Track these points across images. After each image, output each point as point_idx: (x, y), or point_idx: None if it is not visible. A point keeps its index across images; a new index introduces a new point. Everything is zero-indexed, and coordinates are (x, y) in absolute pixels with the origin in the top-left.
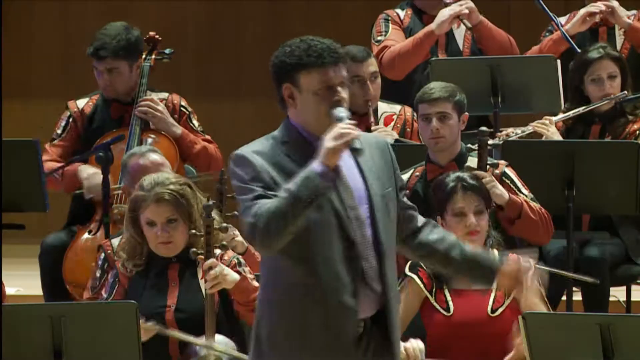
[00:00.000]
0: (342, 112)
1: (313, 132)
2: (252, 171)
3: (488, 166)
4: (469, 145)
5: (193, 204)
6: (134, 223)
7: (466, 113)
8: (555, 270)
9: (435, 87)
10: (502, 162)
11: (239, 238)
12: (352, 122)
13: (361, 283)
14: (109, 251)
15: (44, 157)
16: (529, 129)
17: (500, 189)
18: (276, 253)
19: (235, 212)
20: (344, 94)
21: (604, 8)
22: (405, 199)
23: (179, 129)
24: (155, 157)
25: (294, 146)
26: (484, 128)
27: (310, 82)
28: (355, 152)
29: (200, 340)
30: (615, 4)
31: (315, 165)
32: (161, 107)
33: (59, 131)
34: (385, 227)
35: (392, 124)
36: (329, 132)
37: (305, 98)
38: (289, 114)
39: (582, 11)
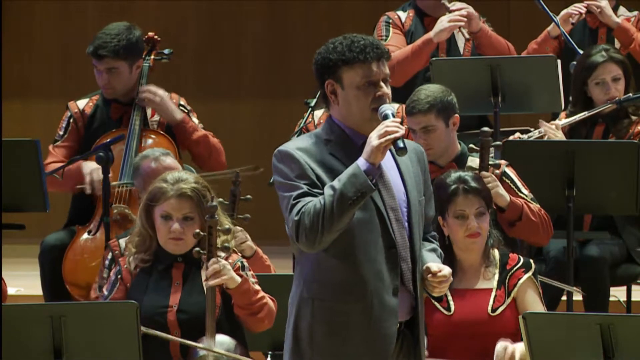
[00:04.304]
0: (388, 109)
1: (355, 128)
2: (297, 168)
3: (490, 167)
4: (472, 145)
5: None
6: (147, 214)
7: (456, 114)
8: (548, 280)
9: (418, 99)
10: (502, 161)
11: (250, 242)
12: (398, 119)
13: (400, 285)
14: (116, 251)
15: (49, 160)
16: (536, 133)
17: (502, 191)
18: (320, 250)
19: (248, 215)
20: (386, 89)
21: (583, 10)
22: (430, 211)
23: (179, 114)
24: (168, 161)
25: (337, 145)
26: (486, 128)
27: (352, 77)
28: (400, 151)
29: (198, 343)
30: (604, 4)
31: (361, 163)
32: (161, 93)
33: (60, 132)
34: (419, 232)
35: None
36: (375, 129)
37: (348, 93)
38: (331, 113)
39: (563, 12)
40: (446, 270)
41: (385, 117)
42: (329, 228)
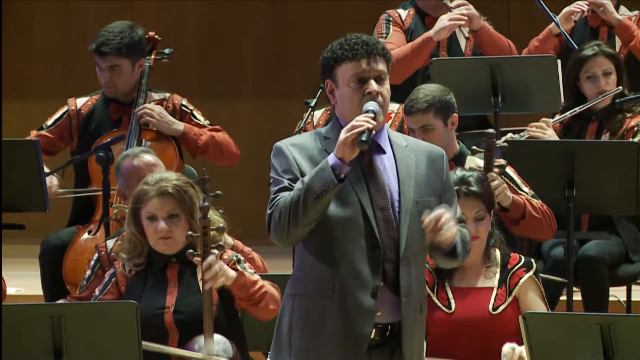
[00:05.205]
0: (370, 105)
1: None
2: (285, 163)
3: (495, 167)
4: (474, 147)
5: (195, 202)
6: (135, 219)
7: (455, 114)
8: (545, 276)
9: (417, 98)
10: (502, 160)
11: (228, 239)
12: (370, 115)
13: (384, 286)
14: (102, 252)
15: None
16: (526, 134)
17: (508, 192)
18: (290, 245)
19: (221, 211)
20: (375, 86)
21: (586, 8)
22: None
23: (180, 126)
24: (148, 157)
25: (334, 142)
26: (491, 130)
27: (344, 75)
28: (361, 144)
29: (194, 344)
30: (606, 1)
31: (330, 158)
32: (157, 110)
33: (49, 122)
34: (414, 233)
35: (390, 122)
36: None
37: (341, 91)
38: (335, 112)
39: (565, 9)
40: (433, 213)
41: (366, 113)
42: (295, 222)
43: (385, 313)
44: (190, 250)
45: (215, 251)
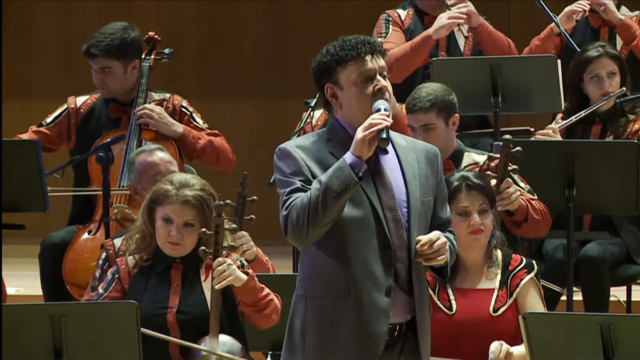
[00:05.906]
0: (381, 103)
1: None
2: (293, 165)
3: (510, 172)
4: (490, 154)
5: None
6: (149, 212)
7: (457, 114)
8: (546, 283)
9: (419, 97)
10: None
11: (254, 249)
12: (385, 113)
13: (395, 285)
14: (110, 251)
15: (21, 136)
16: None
17: (520, 200)
18: (308, 246)
19: (253, 216)
20: (384, 82)
21: (587, 7)
22: (442, 214)
23: (179, 128)
24: (163, 155)
25: (338, 143)
26: (508, 136)
27: (349, 76)
28: (382, 142)
29: (199, 344)
30: (607, 1)
31: (347, 156)
32: (157, 110)
33: (48, 120)
34: (421, 233)
35: None
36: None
37: (347, 93)
38: (336, 116)
39: (567, 9)
40: (428, 236)
41: (377, 112)
42: (314, 222)
43: (396, 313)
44: (203, 248)
45: (226, 252)
